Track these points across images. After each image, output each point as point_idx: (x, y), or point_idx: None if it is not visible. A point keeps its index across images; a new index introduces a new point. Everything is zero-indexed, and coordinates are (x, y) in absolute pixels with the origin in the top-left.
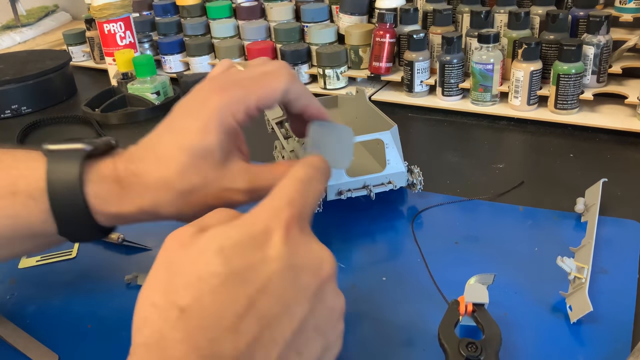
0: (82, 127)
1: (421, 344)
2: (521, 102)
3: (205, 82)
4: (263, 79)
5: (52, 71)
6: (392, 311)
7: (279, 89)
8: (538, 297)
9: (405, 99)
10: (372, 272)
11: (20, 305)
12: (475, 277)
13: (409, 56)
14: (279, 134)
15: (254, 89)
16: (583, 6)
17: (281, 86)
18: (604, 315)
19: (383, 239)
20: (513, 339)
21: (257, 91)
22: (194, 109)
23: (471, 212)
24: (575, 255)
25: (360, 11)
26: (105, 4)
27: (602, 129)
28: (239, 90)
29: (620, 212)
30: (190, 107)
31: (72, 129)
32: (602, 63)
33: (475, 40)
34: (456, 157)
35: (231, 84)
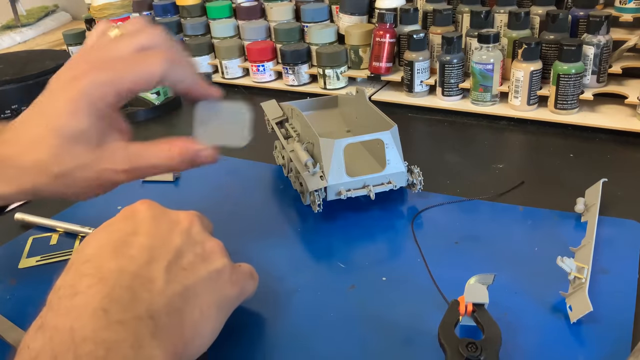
0: None
1: (421, 344)
2: (521, 102)
3: (79, 55)
4: (138, 61)
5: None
6: (392, 311)
7: (155, 73)
8: (538, 297)
9: (405, 99)
10: (372, 272)
11: (20, 305)
12: (475, 277)
13: (409, 56)
14: (279, 134)
15: (126, 72)
16: (583, 6)
17: (157, 71)
18: (604, 315)
19: (383, 239)
20: (513, 339)
21: (129, 75)
22: (64, 88)
23: (471, 212)
24: (575, 255)
25: (360, 11)
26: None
27: (602, 129)
28: (110, 72)
29: (620, 212)
30: (61, 86)
31: None
32: (602, 63)
33: (475, 40)
34: (456, 157)
35: (102, 63)
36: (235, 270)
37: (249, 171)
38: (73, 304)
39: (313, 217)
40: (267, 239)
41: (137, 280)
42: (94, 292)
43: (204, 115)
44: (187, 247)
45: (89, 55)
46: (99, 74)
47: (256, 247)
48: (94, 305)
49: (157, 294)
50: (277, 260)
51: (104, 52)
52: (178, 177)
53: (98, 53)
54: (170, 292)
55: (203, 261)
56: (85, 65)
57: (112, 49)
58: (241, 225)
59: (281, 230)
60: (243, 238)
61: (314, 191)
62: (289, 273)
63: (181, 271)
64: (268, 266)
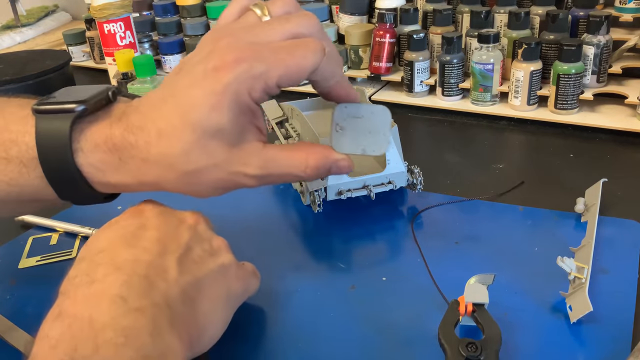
0: None
1: (421, 344)
2: (521, 102)
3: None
4: (291, 52)
5: (52, 71)
6: (392, 311)
7: (308, 67)
8: (538, 297)
9: (405, 99)
10: (372, 272)
11: (20, 305)
12: (475, 277)
13: (409, 56)
14: (279, 134)
15: (276, 65)
16: (583, 6)
17: (310, 64)
18: (604, 315)
19: (383, 239)
20: (513, 339)
21: (279, 68)
22: (204, 77)
23: (471, 212)
24: (575, 255)
25: (360, 11)
26: (105, 4)
27: (602, 129)
28: (259, 64)
29: (620, 212)
30: (200, 74)
31: None
32: (602, 63)
33: (475, 40)
34: (456, 157)
35: (252, 52)
36: (240, 267)
37: None
38: (91, 291)
39: (313, 217)
40: (267, 239)
41: (152, 269)
42: (111, 280)
43: (343, 120)
44: (195, 242)
45: (233, 37)
46: (248, 65)
47: (256, 247)
48: (112, 293)
49: (172, 283)
50: (277, 260)
51: (250, 36)
52: None
53: (244, 37)
54: (183, 282)
55: (211, 256)
56: (231, 53)
57: (260, 33)
58: (241, 225)
59: (281, 230)
60: (243, 238)
61: (314, 191)
62: (289, 273)
63: (192, 264)
64: (268, 266)
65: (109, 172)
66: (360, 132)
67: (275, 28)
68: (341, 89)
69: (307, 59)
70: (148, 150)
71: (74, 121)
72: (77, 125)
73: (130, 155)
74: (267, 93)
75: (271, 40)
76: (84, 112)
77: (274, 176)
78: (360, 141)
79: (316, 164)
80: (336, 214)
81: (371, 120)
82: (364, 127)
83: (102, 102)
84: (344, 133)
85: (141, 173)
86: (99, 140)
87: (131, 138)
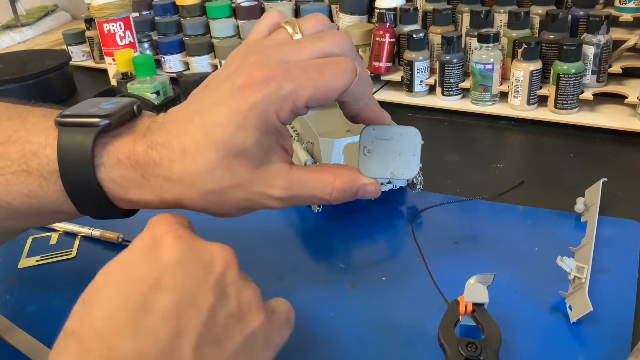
0: None
1: (421, 344)
2: (521, 102)
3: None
4: (320, 72)
5: (52, 71)
6: (392, 311)
7: (339, 88)
8: (538, 297)
9: (405, 99)
10: (372, 272)
11: (20, 305)
12: (475, 277)
13: (409, 56)
14: None
15: (306, 85)
16: (583, 6)
17: (341, 85)
18: (604, 315)
19: (383, 239)
20: (513, 339)
21: (309, 88)
22: (232, 95)
23: (471, 212)
24: (576, 255)
25: (360, 11)
26: (105, 4)
27: (602, 129)
28: (289, 84)
29: (620, 212)
30: (227, 92)
31: None
32: (602, 63)
33: (475, 40)
34: (456, 157)
35: (280, 72)
36: (271, 325)
37: None
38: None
39: (313, 217)
40: (267, 239)
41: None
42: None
43: (371, 143)
44: (221, 305)
45: (263, 55)
46: (277, 85)
47: (256, 248)
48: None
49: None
50: (277, 260)
51: (281, 55)
52: None
53: (274, 55)
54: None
55: (238, 323)
56: (260, 72)
57: (290, 52)
58: (241, 225)
59: (281, 230)
60: (243, 239)
61: None
62: (289, 273)
63: (213, 345)
64: (268, 266)
65: (132, 189)
66: (389, 155)
67: (307, 47)
68: (371, 112)
69: (338, 78)
70: (172, 168)
71: (98, 136)
72: (100, 140)
73: (153, 174)
74: (295, 114)
75: (302, 60)
76: (109, 127)
77: (299, 198)
78: (389, 164)
79: (343, 187)
80: (336, 214)
81: (400, 142)
82: (393, 149)
83: (127, 117)
84: (372, 156)
85: (164, 191)
86: (121, 156)
87: (155, 155)
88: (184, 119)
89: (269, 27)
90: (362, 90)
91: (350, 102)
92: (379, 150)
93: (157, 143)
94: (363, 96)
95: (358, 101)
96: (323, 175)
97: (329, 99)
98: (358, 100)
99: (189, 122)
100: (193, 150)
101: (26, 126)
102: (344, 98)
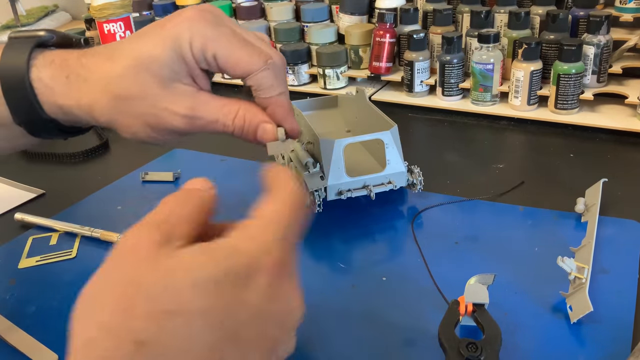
0: None
1: (421, 344)
2: (521, 102)
3: (201, 4)
4: (240, 46)
5: None
6: (392, 311)
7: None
8: (538, 297)
9: (405, 99)
10: (372, 272)
11: (20, 305)
12: (475, 277)
13: (409, 56)
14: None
15: (224, 43)
16: (583, 6)
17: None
18: (604, 315)
19: (383, 239)
20: (513, 339)
21: (223, 47)
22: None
23: (471, 212)
24: (576, 255)
25: (360, 11)
26: (105, 4)
27: (602, 129)
28: (211, 31)
29: (620, 212)
30: (166, 19)
31: None
32: (602, 63)
33: (475, 40)
34: (456, 157)
35: (210, 20)
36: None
37: (248, 171)
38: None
39: (313, 217)
40: None
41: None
42: None
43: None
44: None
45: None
46: (201, 26)
47: None
48: None
49: None
50: None
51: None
52: (178, 177)
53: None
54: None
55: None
56: (192, 12)
57: (239, 28)
58: None
59: None
60: None
61: (314, 191)
62: None
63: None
64: None
65: (56, 90)
66: None
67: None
68: (278, 108)
69: (250, 56)
70: (93, 71)
71: (40, 44)
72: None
73: (76, 74)
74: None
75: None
76: (50, 39)
77: (202, 120)
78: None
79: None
80: (336, 214)
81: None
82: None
83: (71, 40)
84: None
85: (81, 94)
86: (55, 59)
87: (84, 60)
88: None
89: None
90: (270, 81)
91: (257, 89)
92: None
93: (93, 52)
94: (270, 87)
95: (265, 90)
96: (229, 102)
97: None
98: (264, 89)
99: (127, 40)
100: (114, 57)
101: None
102: (250, 82)
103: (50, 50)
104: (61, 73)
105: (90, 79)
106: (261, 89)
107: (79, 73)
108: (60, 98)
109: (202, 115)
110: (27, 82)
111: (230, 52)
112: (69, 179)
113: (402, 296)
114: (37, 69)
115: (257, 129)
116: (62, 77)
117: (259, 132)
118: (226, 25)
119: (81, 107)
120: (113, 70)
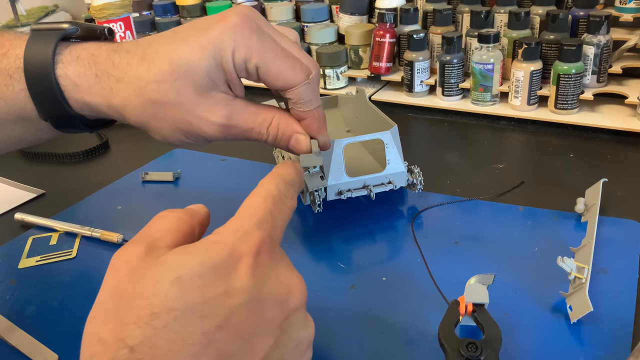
0: None
1: (421, 344)
2: (521, 102)
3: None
4: (284, 57)
5: None
6: (392, 311)
7: (285, 76)
8: (538, 297)
9: (405, 99)
10: (372, 272)
11: (20, 305)
12: (475, 277)
13: (409, 56)
14: None
15: (268, 54)
16: (583, 6)
17: (288, 76)
18: (604, 315)
19: (383, 239)
20: (513, 339)
21: (268, 58)
22: (207, 25)
23: (471, 212)
24: (576, 255)
25: (360, 11)
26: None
27: (602, 129)
28: (256, 40)
29: (620, 212)
30: (206, 22)
31: None
32: (602, 63)
33: (475, 40)
34: (456, 157)
35: (255, 27)
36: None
37: (249, 171)
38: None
39: (313, 217)
40: None
41: None
42: None
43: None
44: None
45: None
46: (245, 34)
47: None
48: None
49: None
50: None
51: (262, 22)
52: (178, 177)
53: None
54: None
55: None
56: (238, 17)
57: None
58: None
59: None
60: None
61: (314, 191)
62: None
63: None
64: None
65: (84, 88)
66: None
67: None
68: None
69: (293, 70)
70: (126, 71)
71: (64, 37)
72: (65, 42)
73: (107, 74)
74: (245, 65)
75: (286, 45)
76: (75, 32)
77: (237, 129)
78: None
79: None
80: (336, 214)
81: None
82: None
83: (96, 32)
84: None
85: (112, 94)
86: (82, 54)
87: (116, 58)
88: (158, 36)
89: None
90: (310, 95)
91: (296, 102)
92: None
93: (124, 49)
94: (309, 101)
95: (304, 104)
96: (263, 111)
97: (277, 81)
98: (303, 102)
99: (161, 38)
100: (150, 59)
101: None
102: (290, 95)
103: (75, 44)
104: (89, 71)
105: (124, 80)
106: (300, 103)
107: (110, 73)
108: (88, 96)
109: (238, 124)
110: (53, 78)
111: (273, 65)
112: (69, 179)
113: (402, 296)
114: (63, 65)
115: (290, 139)
116: (91, 75)
117: (292, 142)
118: (268, 34)
119: (111, 107)
120: (149, 73)
